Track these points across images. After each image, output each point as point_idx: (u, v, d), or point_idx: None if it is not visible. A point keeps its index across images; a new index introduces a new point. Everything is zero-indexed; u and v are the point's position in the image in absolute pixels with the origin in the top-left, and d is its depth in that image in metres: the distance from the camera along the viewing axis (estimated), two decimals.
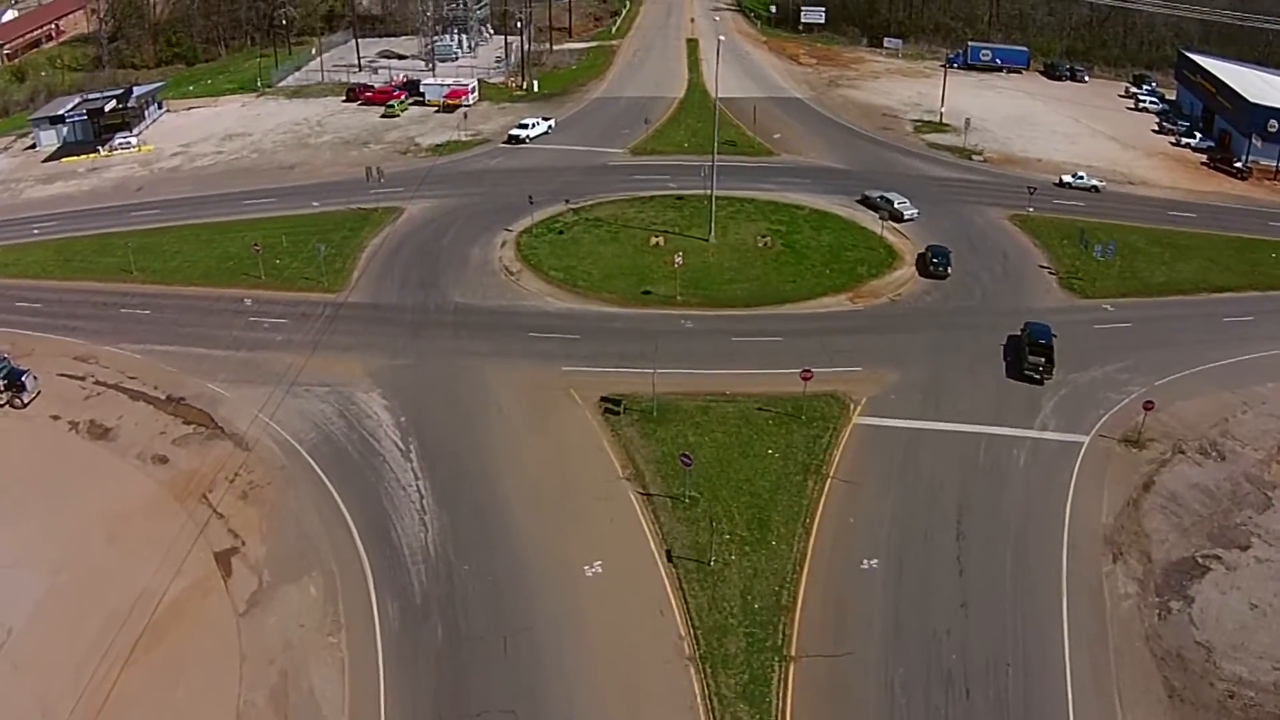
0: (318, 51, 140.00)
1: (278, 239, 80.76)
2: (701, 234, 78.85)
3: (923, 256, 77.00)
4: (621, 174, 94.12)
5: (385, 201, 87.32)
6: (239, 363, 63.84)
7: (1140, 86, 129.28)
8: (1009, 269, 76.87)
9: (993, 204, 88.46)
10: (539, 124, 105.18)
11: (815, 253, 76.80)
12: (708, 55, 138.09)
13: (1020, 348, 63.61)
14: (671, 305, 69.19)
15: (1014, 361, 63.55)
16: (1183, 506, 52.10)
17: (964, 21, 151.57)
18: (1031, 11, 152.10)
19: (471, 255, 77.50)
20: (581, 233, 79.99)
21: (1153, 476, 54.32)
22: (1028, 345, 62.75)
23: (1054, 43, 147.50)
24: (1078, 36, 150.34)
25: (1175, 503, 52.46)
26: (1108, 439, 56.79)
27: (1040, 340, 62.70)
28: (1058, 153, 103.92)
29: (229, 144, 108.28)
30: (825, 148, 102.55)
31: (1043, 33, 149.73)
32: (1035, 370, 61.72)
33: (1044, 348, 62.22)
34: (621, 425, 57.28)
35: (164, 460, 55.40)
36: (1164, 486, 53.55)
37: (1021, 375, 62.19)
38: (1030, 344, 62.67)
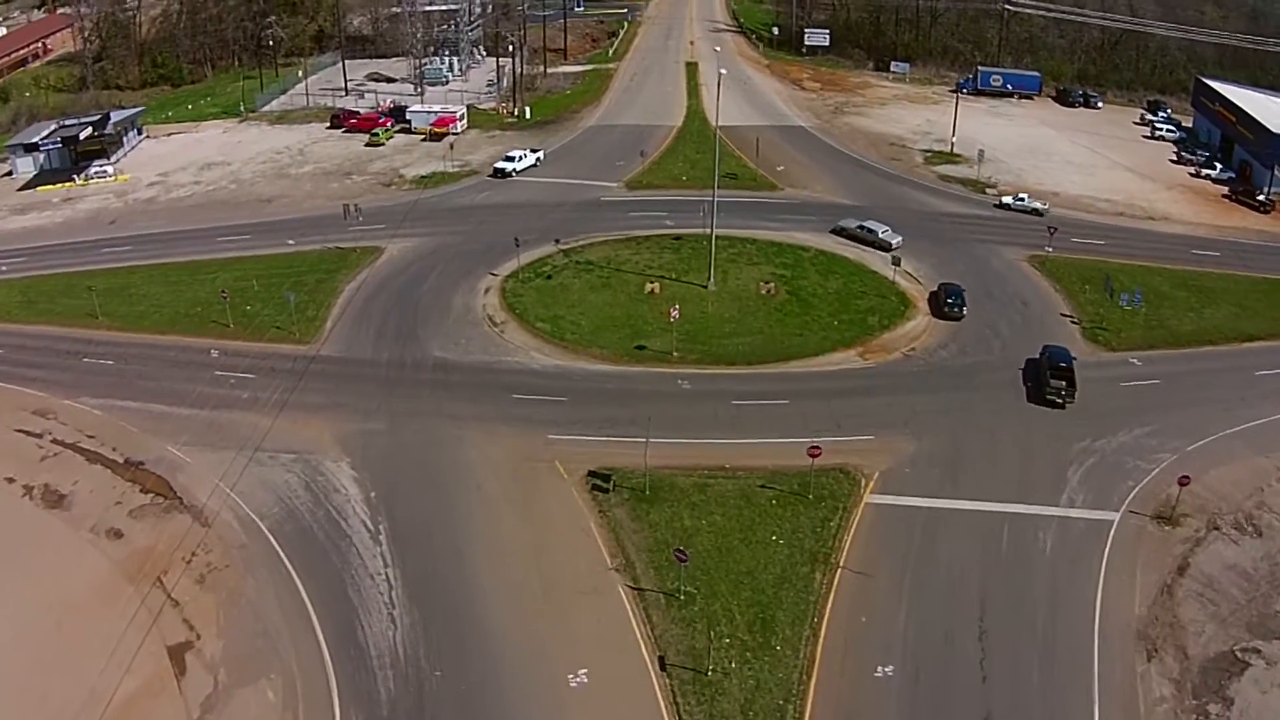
0: (303, 74, 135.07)
1: (249, 282, 76.36)
2: (700, 279, 73.79)
3: (935, 295, 72.75)
4: (615, 210, 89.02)
5: (365, 240, 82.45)
6: (202, 423, 59.77)
7: (1156, 113, 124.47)
8: (1029, 318, 71.92)
9: (1009, 243, 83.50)
10: (526, 156, 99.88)
11: (822, 301, 71.69)
12: (707, 79, 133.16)
13: (1040, 372, 62.96)
14: (667, 363, 64.14)
15: (1034, 386, 62.57)
16: (1219, 592, 48.11)
17: (972, 44, 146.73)
18: (1041, 34, 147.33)
19: (453, 303, 72.45)
20: (571, 277, 74.86)
21: (1187, 558, 50.39)
22: (1048, 369, 61.94)
23: (1065, 66, 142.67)
24: (1089, 60, 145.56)
25: (1211, 588, 48.39)
26: (1139, 515, 52.58)
27: (1060, 364, 61.99)
28: (1073, 185, 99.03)
29: (207, 174, 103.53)
30: (832, 181, 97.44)
31: (1053, 56, 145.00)
32: (1057, 394, 60.96)
33: (1065, 371, 61.57)
34: (611, 505, 52.34)
35: (119, 535, 51.48)
36: (1199, 569, 49.61)
37: (1043, 400, 61.25)
38: (1051, 368, 61.92)
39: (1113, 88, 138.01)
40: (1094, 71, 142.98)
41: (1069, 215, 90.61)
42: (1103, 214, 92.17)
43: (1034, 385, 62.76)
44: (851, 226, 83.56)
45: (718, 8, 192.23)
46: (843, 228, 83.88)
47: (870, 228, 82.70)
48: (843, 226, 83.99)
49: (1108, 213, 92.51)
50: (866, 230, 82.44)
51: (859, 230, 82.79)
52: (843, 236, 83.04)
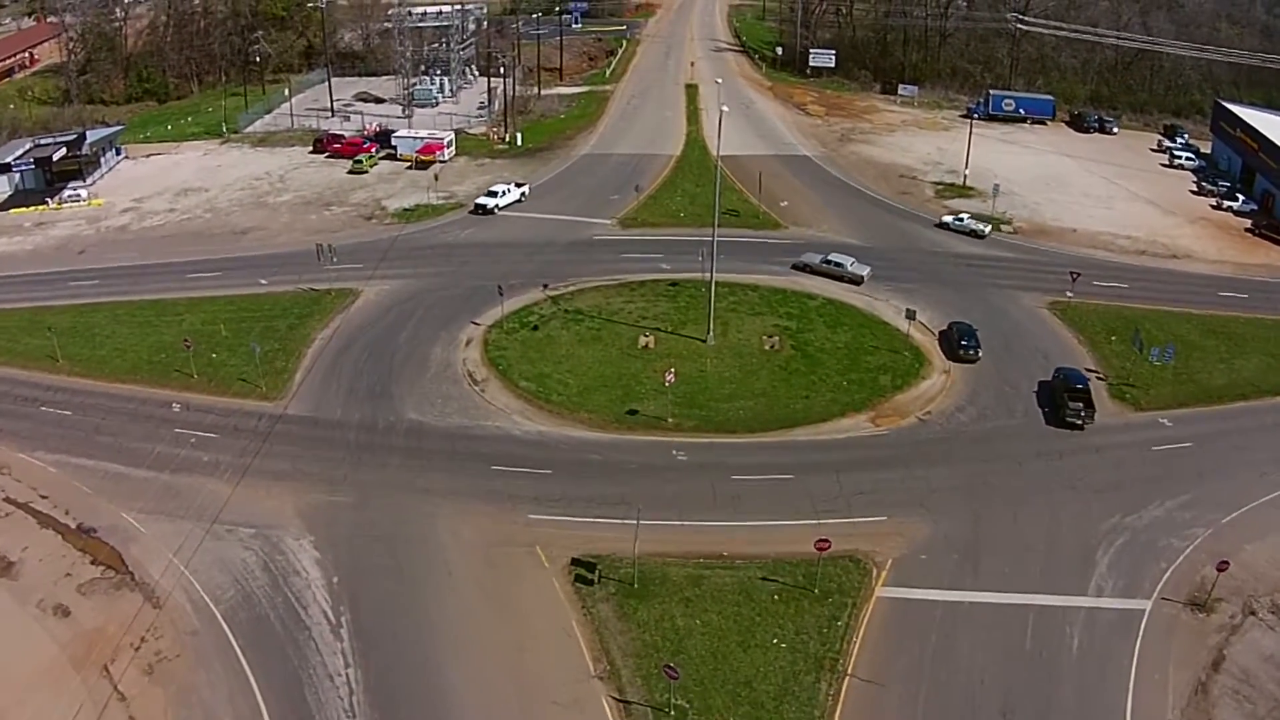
0: (289, 92, 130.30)
1: (216, 327, 71.67)
2: (699, 332, 68.73)
3: (946, 336, 69.29)
4: (608, 251, 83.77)
5: (341, 281, 77.50)
6: (159, 488, 55.38)
7: (1173, 139, 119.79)
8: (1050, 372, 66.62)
9: (1027, 287, 78.58)
10: (510, 191, 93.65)
11: (831, 357, 66.58)
12: (708, 103, 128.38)
13: (1055, 394, 62.61)
14: (661, 430, 59.02)
15: (1051, 410, 62.02)
16: (1256, 688, 44.09)
17: (982, 65, 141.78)
18: (1053, 54, 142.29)
19: (431, 356, 67.38)
20: (559, 328, 69.79)
21: (1222, 649, 46.22)
22: (1065, 392, 61.52)
23: (1077, 88, 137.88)
24: (1102, 81, 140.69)
25: (1248, 684, 44.32)
26: (1171, 603, 48.10)
27: (1076, 385, 61.95)
28: (1092, 220, 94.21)
29: (183, 200, 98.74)
30: (839, 218, 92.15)
31: (1065, 77, 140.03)
32: (1077, 416, 60.51)
33: (1082, 392, 61.48)
34: (595, 600, 47.33)
35: (66, 613, 47.37)
36: (1235, 662, 45.49)
37: (1063, 423, 60.71)
38: (1068, 390, 61.59)
39: (1126, 110, 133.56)
40: (1107, 93, 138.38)
41: (1089, 255, 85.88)
42: (1124, 252, 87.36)
43: (1051, 409, 62.07)
44: (815, 261, 79.27)
45: (719, 25, 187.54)
46: (806, 263, 79.56)
47: (837, 261, 78.51)
48: (805, 262, 79.65)
49: (1129, 251, 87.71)
50: (833, 264, 78.27)
51: (824, 265, 78.53)
52: (806, 272, 78.88)
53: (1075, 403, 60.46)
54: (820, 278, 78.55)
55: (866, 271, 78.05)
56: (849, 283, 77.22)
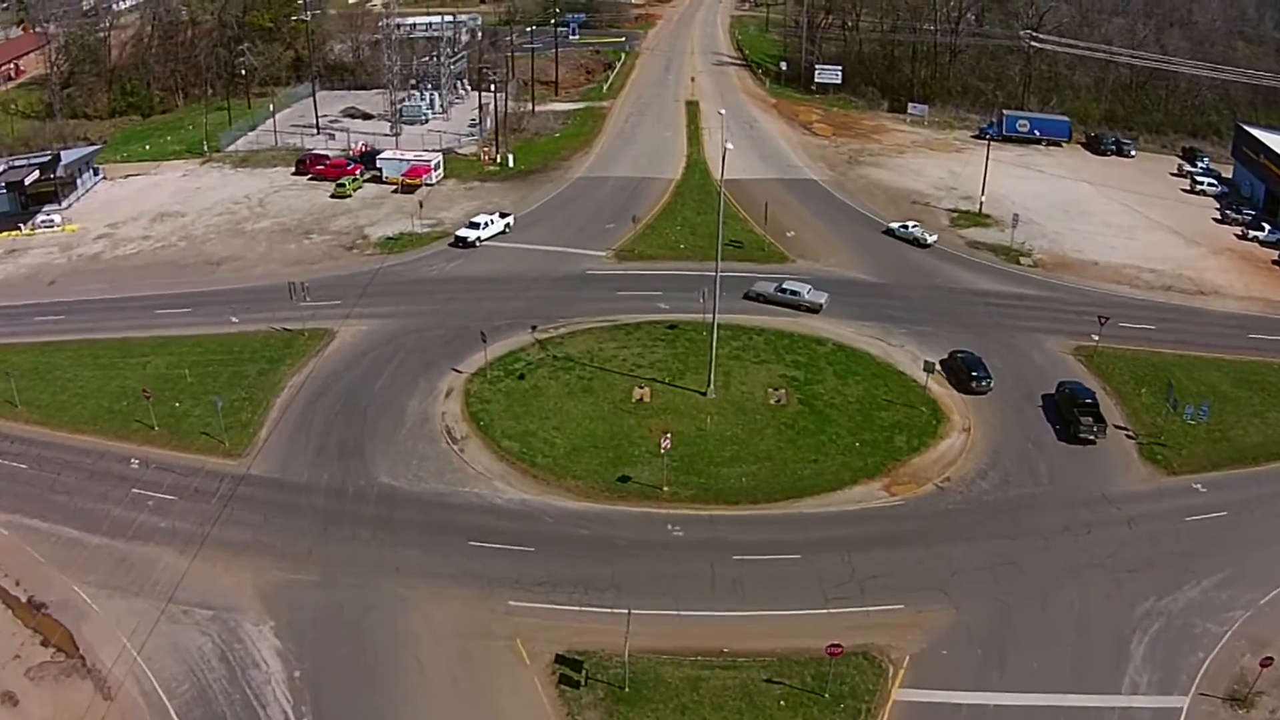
0: (273, 108, 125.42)
1: (182, 371, 66.85)
2: (698, 382, 63.68)
3: (952, 369, 66.20)
4: (602, 287, 78.50)
5: (315, 320, 72.44)
6: (115, 559, 51.09)
7: (1193, 162, 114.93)
8: None
9: (1050, 329, 73.61)
10: (494, 222, 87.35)
11: (841, 413, 61.47)
12: (709, 121, 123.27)
13: (1064, 409, 62.08)
14: (656, 500, 54.01)
15: (1062, 427, 61.37)
16: None
17: (994, 83, 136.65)
18: (1067, 72, 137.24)
19: (408, 409, 62.34)
20: (547, 377, 64.71)
21: None
22: (1076, 408, 61.09)
23: (1092, 107, 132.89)
24: (1117, 100, 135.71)
25: None
26: (1210, 698, 43.80)
27: (1086, 400, 61.76)
28: (1115, 252, 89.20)
29: (158, 226, 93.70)
30: (849, 249, 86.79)
31: (1079, 96, 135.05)
32: (1091, 432, 60.04)
33: (1092, 407, 61.31)
34: (582, 705, 42.58)
35: (14, 702, 43.64)
36: None
37: (1076, 439, 60.09)
38: (1079, 406, 61.19)
39: (1142, 130, 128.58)
40: (1122, 113, 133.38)
41: (1113, 292, 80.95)
42: (1149, 288, 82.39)
43: (1061, 425, 61.47)
44: (769, 290, 74.68)
45: (721, 37, 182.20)
46: (759, 293, 74.98)
47: (793, 289, 74.20)
48: (759, 292, 75.07)
49: (1154, 286, 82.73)
50: (789, 293, 73.95)
51: (779, 294, 74.03)
52: (760, 302, 74.44)
53: (1086, 417, 60.19)
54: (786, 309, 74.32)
55: (824, 299, 74.00)
56: (807, 311, 73.13)
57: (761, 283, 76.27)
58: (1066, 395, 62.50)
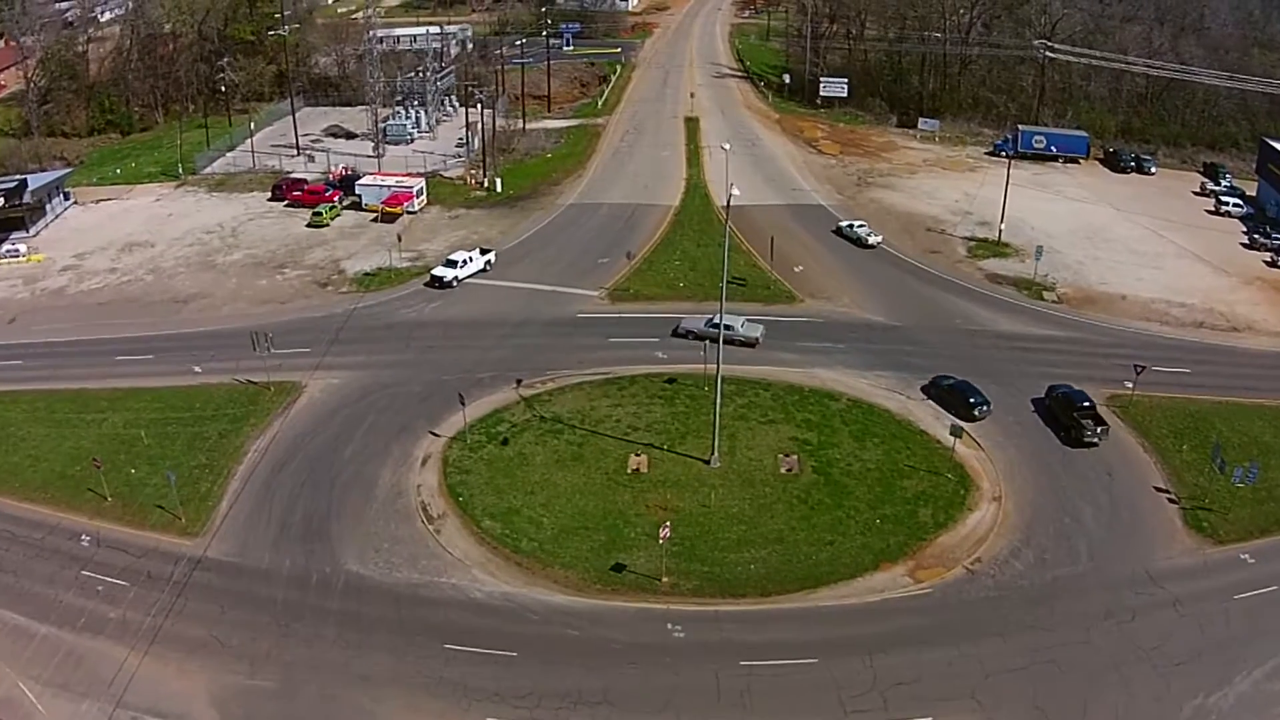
0: (253, 127, 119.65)
1: (138, 431, 61.45)
2: (700, 448, 57.84)
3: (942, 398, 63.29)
4: (594, 333, 72.41)
5: (283, 371, 66.73)
6: (62, 653, 46.44)
7: (1215, 179, 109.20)
8: (1116, 498, 56.22)
9: (1081, 376, 67.17)
10: (473, 259, 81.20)
11: (860, 483, 55.56)
12: (710, 139, 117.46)
13: (1061, 415, 61.62)
14: (654, 594, 48.15)
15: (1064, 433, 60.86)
16: None
17: (1006, 95, 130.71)
18: (1081, 83, 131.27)
19: (380, 480, 56.54)
20: (533, 442, 58.80)
21: None
22: (1075, 412, 60.82)
23: (1108, 119, 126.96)
24: (1133, 111, 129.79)
25: None
26: None
27: (1084, 404, 61.44)
28: (1142, 284, 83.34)
29: (126, 258, 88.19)
30: (861, 286, 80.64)
31: (1094, 107, 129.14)
32: (1095, 435, 59.83)
33: (1090, 410, 61.17)
34: None
35: None
36: None
37: (1082, 443, 59.76)
38: (1078, 410, 60.96)
39: (1159, 143, 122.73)
40: (1139, 125, 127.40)
41: (1143, 330, 75.28)
42: (1180, 325, 76.60)
43: (1059, 430, 61.25)
44: (699, 327, 69.26)
45: (720, 47, 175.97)
46: (688, 330, 69.68)
47: (726, 323, 67.11)
48: (688, 329, 69.78)
49: (1186, 323, 76.91)
50: (719, 328, 66.88)
51: (711, 329, 67.72)
52: (690, 339, 69.03)
53: (1087, 420, 60.25)
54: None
55: (760, 332, 69.21)
56: (742, 346, 67.95)
57: (690, 319, 70.79)
58: (1061, 400, 62.06)
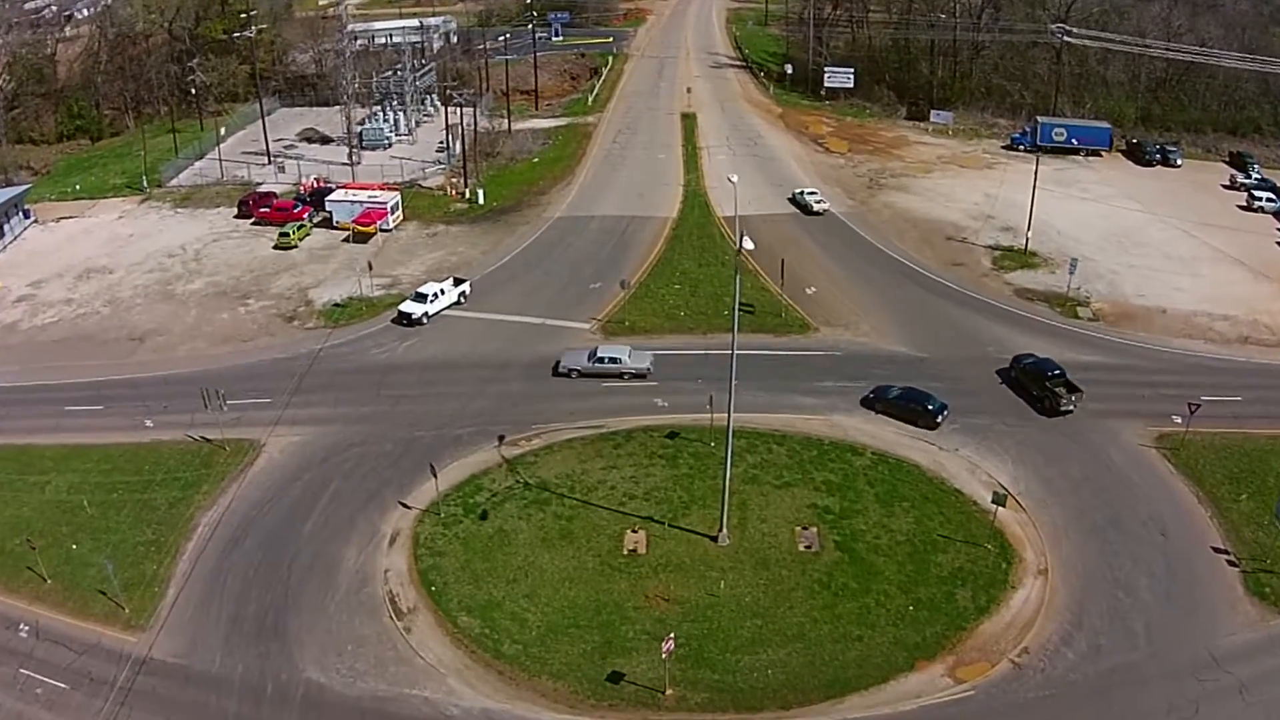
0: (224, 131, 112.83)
1: (82, 499, 55.14)
2: (707, 521, 50.91)
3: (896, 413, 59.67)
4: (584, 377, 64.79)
5: (239, 426, 60.11)
6: None
7: (1244, 169, 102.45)
8: (1173, 561, 49.71)
9: (1125, 411, 60.95)
10: (445, 292, 72.97)
11: (889, 561, 48.73)
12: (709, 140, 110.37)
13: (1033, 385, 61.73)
14: (657, 710, 41.58)
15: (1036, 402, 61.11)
16: None
17: (1020, 82, 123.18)
18: (1099, 67, 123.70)
19: (343, 563, 49.87)
20: (516, 516, 51.87)
21: None
22: (1048, 382, 60.97)
23: (1127, 106, 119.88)
24: (1152, 98, 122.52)
25: None
26: None
27: (1055, 373, 61.66)
28: (1181, 295, 76.50)
29: (83, 286, 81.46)
30: (881, 310, 73.17)
31: (1112, 94, 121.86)
32: (1071, 403, 60.07)
33: (1063, 378, 61.32)
34: None
35: None
36: None
37: (1058, 412, 59.96)
38: (1050, 379, 61.10)
39: (1181, 130, 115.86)
40: (1159, 111, 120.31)
41: (1188, 350, 68.54)
42: (1225, 342, 69.95)
43: (1030, 399, 61.48)
44: (583, 364, 63.68)
45: (717, 35, 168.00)
46: (570, 368, 63.71)
47: (612, 356, 63.23)
48: (570, 367, 63.84)
49: (1230, 339, 70.31)
50: (605, 362, 63.21)
51: (595, 366, 63.42)
52: (572, 377, 63.38)
53: (1060, 388, 60.43)
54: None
55: (648, 362, 63.64)
56: (633, 379, 63.18)
57: (570, 353, 64.67)
58: (1030, 370, 62.39)
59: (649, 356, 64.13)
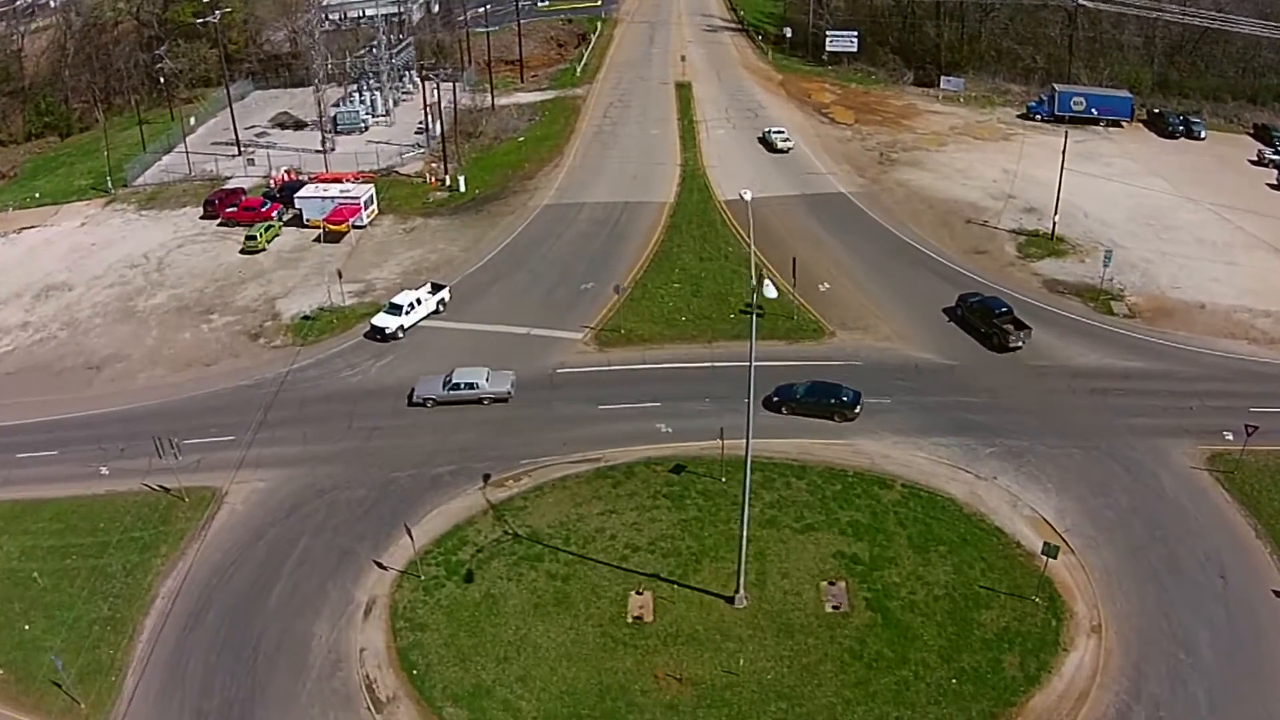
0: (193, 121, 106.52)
1: (32, 567, 50.12)
2: (720, 577, 45.38)
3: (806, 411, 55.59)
4: (578, 399, 58.74)
5: (199, 472, 54.75)
6: None
7: (1271, 143, 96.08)
8: (1233, 611, 44.31)
9: (1173, 427, 55.07)
10: (422, 301, 67.01)
11: (927, 622, 43.21)
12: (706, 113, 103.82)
13: (980, 323, 62.51)
14: None
15: (983, 336, 62.05)
16: None
17: (1032, 45, 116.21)
18: (1113, 31, 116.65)
19: (313, 642, 44.50)
20: (504, 577, 46.27)
21: None
22: (996, 319, 61.89)
23: (1143, 72, 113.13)
24: (1169, 63, 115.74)
25: None
26: None
27: (1002, 310, 62.55)
28: (1219, 286, 70.22)
29: (41, 307, 75.60)
30: (902, 308, 66.79)
31: (1128, 59, 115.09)
32: (1020, 340, 61.07)
33: (1009, 314, 62.17)
34: None
35: None
36: None
37: (1006, 348, 60.97)
38: (998, 317, 61.98)
39: (1199, 97, 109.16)
40: (1176, 77, 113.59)
41: (1232, 353, 62.36)
42: (1271, 343, 63.72)
43: (979, 337, 62.26)
44: (438, 393, 58.25)
45: None
46: (425, 398, 58.39)
47: (469, 382, 58.00)
48: (424, 396, 58.48)
49: (1275, 339, 64.15)
50: (463, 387, 57.73)
51: (452, 392, 58.08)
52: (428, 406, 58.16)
53: (1008, 326, 61.24)
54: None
55: (510, 383, 58.39)
56: (495, 403, 57.94)
57: (424, 381, 59.16)
58: (977, 308, 63.01)
59: (510, 378, 58.36)
